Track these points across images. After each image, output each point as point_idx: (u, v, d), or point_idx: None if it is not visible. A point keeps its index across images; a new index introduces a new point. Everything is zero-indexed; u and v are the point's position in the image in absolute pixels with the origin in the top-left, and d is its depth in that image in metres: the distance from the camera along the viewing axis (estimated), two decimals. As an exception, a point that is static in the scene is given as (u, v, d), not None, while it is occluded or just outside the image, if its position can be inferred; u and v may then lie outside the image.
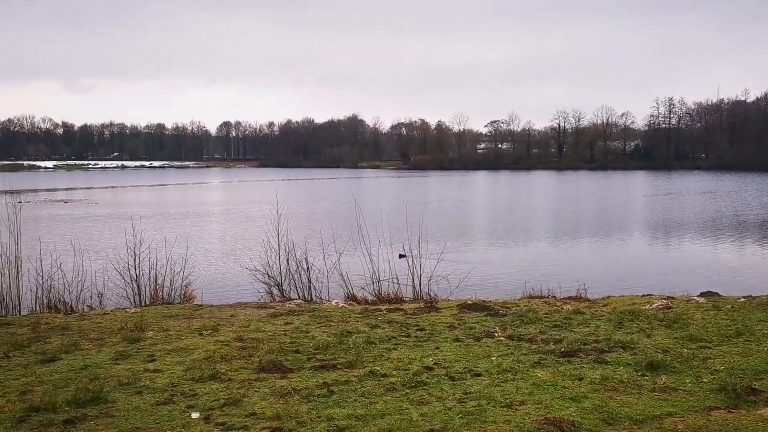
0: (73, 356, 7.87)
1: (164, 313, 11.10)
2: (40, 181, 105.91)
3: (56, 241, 25.76)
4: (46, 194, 69.88)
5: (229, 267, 23.07)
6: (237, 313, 10.89)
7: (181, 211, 47.15)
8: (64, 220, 40.65)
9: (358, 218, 15.77)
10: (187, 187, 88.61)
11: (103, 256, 20.86)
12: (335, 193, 70.31)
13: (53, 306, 12.75)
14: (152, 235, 22.50)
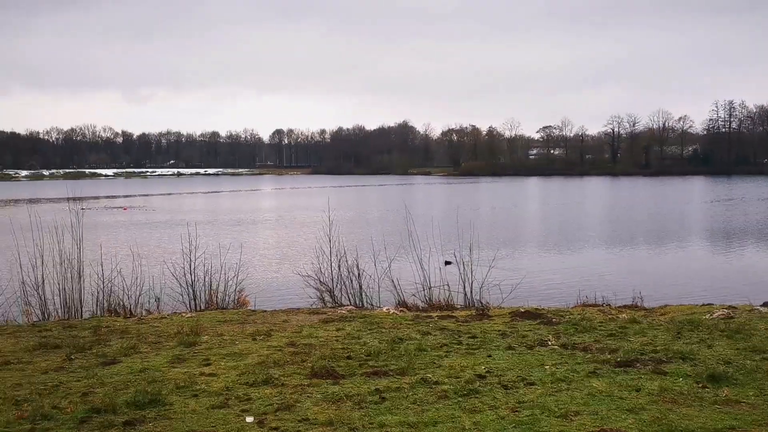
0: (132, 359, 8.08)
1: (219, 318, 11.29)
2: (100, 189, 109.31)
3: (116, 246, 26.52)
4: (107, 201, 72.08)
5: (282, 273, 23.34)
6: (289, 319, 11.00)
7: (235, 218, 47.99)
8: (123, 226, 41.84)
9: (409, 225, 15.77)
10: (240, 194, 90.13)
11: (160, 261, 21.37)
12: (386, 200, 70.48)
13: (113, 310, 13.12)
14: (207, 241, 23.00)
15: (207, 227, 38.00)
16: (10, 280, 13.65)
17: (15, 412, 6.04)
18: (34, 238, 14.29)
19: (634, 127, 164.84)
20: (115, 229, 39.80)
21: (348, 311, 11.88)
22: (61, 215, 15.98)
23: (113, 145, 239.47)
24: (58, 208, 47.16)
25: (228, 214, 52.55)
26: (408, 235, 15.13)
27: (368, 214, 50.81)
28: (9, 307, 12.86)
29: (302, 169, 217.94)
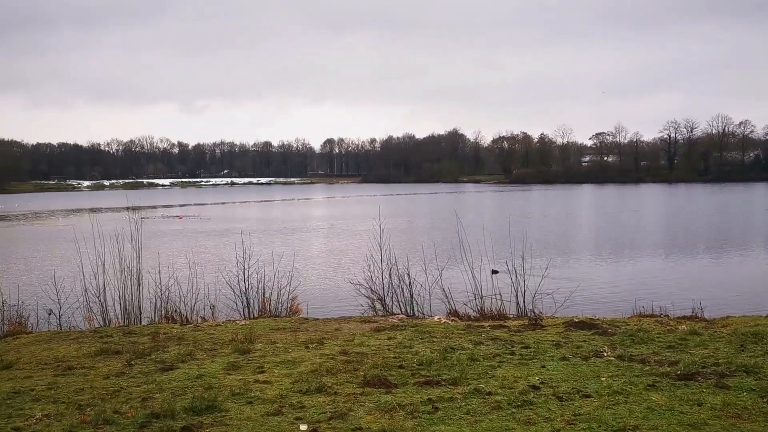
0: (189, 365, 8.23)
1: (272, 326, 11.41)
2: (158, 198, 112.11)
3: (173, 254, 27.16)
4: (163, 210, 73.87)
5: (333, 281, 23.49)
6: (341, 327, 11.03)
7: (287, 226, 48.56)
8: (179, 234, 42.81)
9: (460, 233, 15.66)
10: (292, 203, 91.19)
11: (215, 269, 21.81)
12: (436, 208, 70.29)
13: (170, 317, 13.40)
14: (260, 250, 23.31)
15: (260, 236, 38.55)
16: (73, 287, 14.10)
17: (78, 416, 6.22)
18: (96, 247, 14.75)
19: (692, 132, 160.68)
20: (171, 237, 40.74)
21: (399, 320, 11.85)
22: (121, 224, 16.43)
23: (170, 155, 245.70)
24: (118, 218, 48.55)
25: (280, 222, 53.21)
26: (459, 243, 15.04)
27: (418, 222, 50.74)
28: (72, 313, 13.31)
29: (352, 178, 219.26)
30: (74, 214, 71.60)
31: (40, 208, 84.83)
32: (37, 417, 6.24)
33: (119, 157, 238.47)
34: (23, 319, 12.87)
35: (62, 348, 9.72)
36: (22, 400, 6.85)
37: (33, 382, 7.60)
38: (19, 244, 38.76)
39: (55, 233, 46.05)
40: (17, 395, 7.06)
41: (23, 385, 7.44)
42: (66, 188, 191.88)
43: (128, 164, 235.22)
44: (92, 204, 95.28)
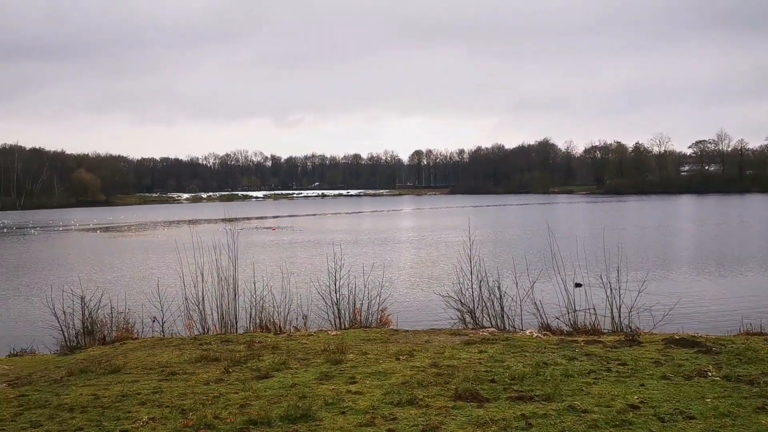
0: (284, 374, 8.43)
1: (362, 337, 11.51)
2: (251, 210, 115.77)
3: (267, 265, 27.94)
4: (257, 222, 76.13)
5: (423, 292, 23.48)
6: (431, 339, 11.00)
7: (377, 237, 48.98)
8: (272, 245, 44.01)
9: (552, 245, 15.33)
10: (381, 214, 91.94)
11: (307, 279, 22.25)
12: (526, 219, 69.08)
13: (264, 326, 13.77)
14: (351, 261, 23.65)
15: (350, 247, 39.07)
16: (175, 295, 14.75)
17: (182, 420, 6.49)
18: (195, 257, 15.39)
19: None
20: (265, 248, 41.93)
21: (490, 333, 11.70)
22: (218, 235, 17.10)
23: (263, 168, 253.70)
24: (214, 229, 50.51)
25: (370, 233, 53.76)
26: (551, 255, 14.72)
27: (508, 234, 50.02)
28: (174, 320, 13.92)
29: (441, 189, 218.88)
30: (175, 225, 74.95)
31: (144, 220, 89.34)
32: (144, 420, 6.56)
33: (216, 171, 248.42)
34: (130, 326, 13.60)
35: (165, 354, 10.18)
36: (129, 404, 7.22)
37: (139, 386, 8.00)
38: (126, 254, 40.93)
39: (158, 244, 48.33)
40: (125, 398, 7.44)
41: (130, 389, 7.84)
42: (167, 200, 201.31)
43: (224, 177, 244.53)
44: (191, 215, 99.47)
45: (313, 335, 11.87)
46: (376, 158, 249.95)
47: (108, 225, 79.11)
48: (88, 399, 7.46)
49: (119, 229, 70.23)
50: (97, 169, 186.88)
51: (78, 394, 7.74)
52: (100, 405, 7.19)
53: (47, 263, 36.15)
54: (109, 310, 13.80)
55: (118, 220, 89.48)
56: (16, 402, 7.57)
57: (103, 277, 28.69)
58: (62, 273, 30.64)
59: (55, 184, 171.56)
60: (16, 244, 52.01)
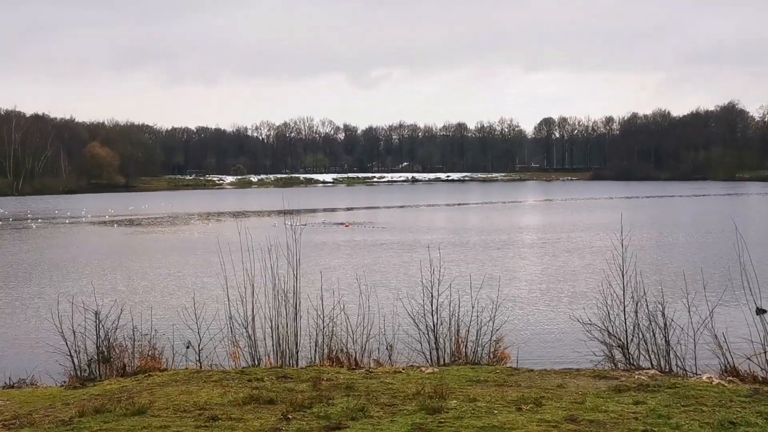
0: (362, 424, 8.54)
1: (469, 376, 11.52)
2: (317, 199, 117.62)
3: (338, 274, 28.31)
4: (324, 215, 77.27)
5: (554, 318, 23.20)
6: (566, 383, 10.92)
7: (489, 240, 48.77)
8: (345, 247, 44.56)
9: (741, 254, 14.82)
10: (494, 208, 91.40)
11: (393, 295, 22.42)
12: (703, 217, 67.10)
13: (335, 357, 13.98)
14: (453, 271, 23.65)
15: (452, 252, 39.05)
16: (216, 314, 15.19)
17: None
18: (243, 262, 15.77)
19: None
20: (336, 251, 42.50)
21: (650, 377, 11.52)
22: (273, 233, 17.42)
23: (333, 143, 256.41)
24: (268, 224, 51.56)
25: (479, 234, 53.59)
26: (739, 269, 14.24)
27: (677, 238, 48.76)
28: (215, 347, 14.33)
29: (578, 173, 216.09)
30: (215, 218, 77.08)
31: (175, 211, 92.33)
32: (176, 479, 6.79)
33: (270, 145, 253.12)
34: (157, 353, 14.09)
35: (203, 392, 10.49)
36: (158, 456, 7.48)
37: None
38: (152, 256, 42.43)
39: (194, 243, 49.84)
40: (152, 449, 7.72)
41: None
42: (205, 185, 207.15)
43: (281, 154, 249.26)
44: (237, 206, 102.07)
45: (402, 373, 11.96)
46: (487, 129, 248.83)
47: (128, 217, 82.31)
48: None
49: (143, 223, 72.89)
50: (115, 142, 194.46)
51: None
52: (120, 457, 7.48)
53: (51, 267, 37.93)
54: (131, 330, 14.34)
55: (141, 211, 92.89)
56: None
57: (123, 286, 29.84)
58: (71, 281, 32.06)
59: (63, 162, 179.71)
60: (11, 242, 54.85)
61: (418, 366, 13.21)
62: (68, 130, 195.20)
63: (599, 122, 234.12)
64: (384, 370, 12.57)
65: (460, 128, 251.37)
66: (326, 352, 14.24)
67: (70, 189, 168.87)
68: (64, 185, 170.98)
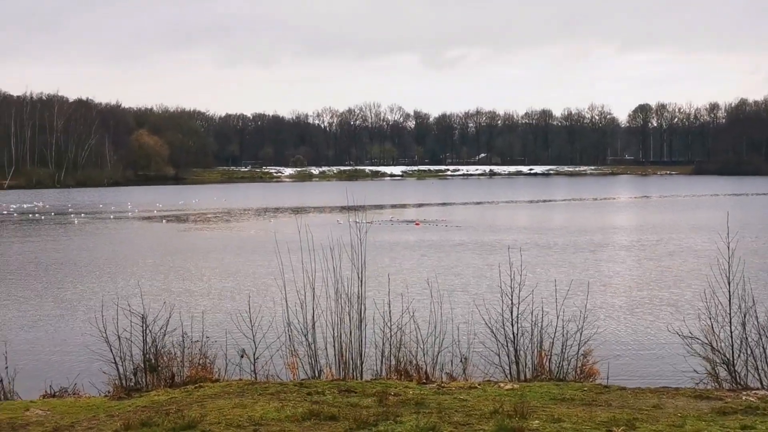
0: (433, 445, 8.55)
1: (553, 394, 11.45)
2: (385, 194, 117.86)
3: (407, 277, 28.36)
4: (392, 212, 77.47)
5: (649, 329, 22.90)
6: (663, 403, 10.82)
7: (577, 241, 48.33)
8: (415, 248, 44.58)
9: None
10: (582, 205, 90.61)
11: (468, 302, 22.38)
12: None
13: (403, 370, 14.00)
14: (536, 276, 23.52)
15: (535, 254, 38.82)
16: (272, 320, 15.33)
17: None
18: (303, 263, 15.90)
19: None
20: (405, 252, 42.56)
21: (759, 398, 11.38)
22: (336, 231, 17.53)
23: (402, 131, 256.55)
24: (330, 221, 51.99)
25: (565, 234, 53.13)
26: None
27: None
28: (271, 356, 14.47)
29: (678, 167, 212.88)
30: (272, 214, 77.84)
31: (228, 206, 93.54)
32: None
33: (333, 134, 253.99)
34: (208, 362, 14.27)
35: (259, 406, 10.61)
36: (209, 476, 7.60)
37: (223, 451, 8.41)
38: (203, 255, 43.03)
39: (249, 242, 50.42)
40: (203, 467, 7.85)
41: (211, 454, 8.26)
42: (262, 177, 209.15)
43: (345, 144, 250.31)
44: (296, 201, 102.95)
45: (478, 388, 11.94)
46: (575, 117, 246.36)
47: (178, 212, 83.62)
48: (152, 465, 7.93)
49: (194, 219, 73.98)
50: (165, 130, 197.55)
51: (138, 457, 8.25)
52: (169, 475, 7.62)
53: (96, 266, 38.72)
54: (180, 337, 14.54)
55: (192, 206, 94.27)
56: (55, 463, 8.18)
57: (172, 288, 30.32)
58: (116, 281, 32.69)
59: (107, 152, 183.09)
60: (55, 238, 56.14)
61: (496, 381, 13.17)
62: (114, 116, 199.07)
63: (703, 109, 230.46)
64: (457, 385, 12.55)
65: (545, 116, 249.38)
66: (393, 364, 14.27)
67: (116, 181, 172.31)
68: (108, 177, 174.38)
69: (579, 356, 14.11)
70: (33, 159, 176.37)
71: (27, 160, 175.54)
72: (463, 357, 14.36)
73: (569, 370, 13.93)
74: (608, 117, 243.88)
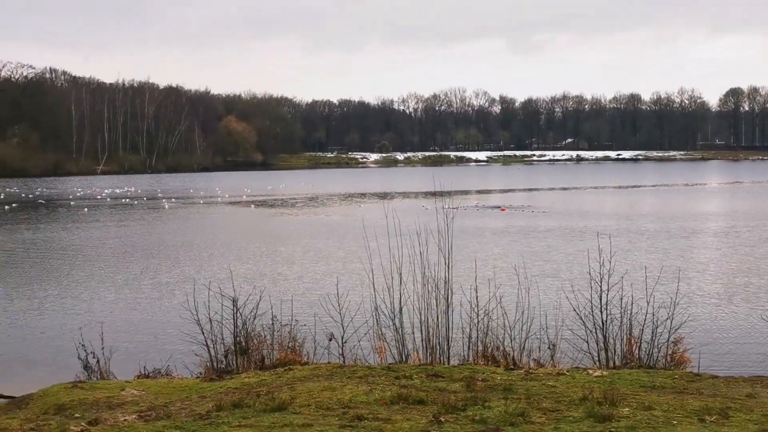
0: (522, 431, 8.51)
1: (642, 382, 11.34)
2: (470, 179, 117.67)
3: (493, 263, 28.24)
4: (478, 198, 77.26)
5: (742, 317, 22.42)
6: (757, 393, 10.64)
7: (666, 227, 47.53)
8: (502, 233, 44.42)
9: None
10: (672, 191, 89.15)
11: (555, 288, 22.24)
12: None
13: (490, 356, 14.00)
14: (625, 262, 23.21)
15: (623, 240, 38.31)
16: (360, 304, 15.43)
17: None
18: (390, 248, 15.96)
19: None
20: (490, 237, 42.43)
21: None
22: (423, 216, 17.55)
23: (487, 117, 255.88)
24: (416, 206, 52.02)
25: (655, 220, 52.32)
26: None
27: None
28: (359, 340, 14.58)
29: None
30: (358, 199, 78.30)
31: (315, 191, 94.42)
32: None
33: (418, 120, 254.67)
34: (297, 345, 14.47)
35: (348, 389, 10.71)
36: (301, 456, 7.70)
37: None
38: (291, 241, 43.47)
39: (336, 226, 50.83)
40: (295, 448, 7.95)
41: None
42: (348, 163, 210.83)
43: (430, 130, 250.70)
44: (382, 186, 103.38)
45: (566, 375, 11.88)
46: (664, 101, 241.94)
47: (266, 197, 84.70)
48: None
49: (281, 204, 74.86)
50: (253, 117, 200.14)
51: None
52: (261, 455, 7.74)
53: (188, 250, 39.45)
54: (270, 320, 14.74)
55: (280, 191, 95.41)
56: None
57: (261, 272, 30.71)
58: (207, 265, 33.26)
59: (197, 138, 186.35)
60: (150, 222, 57.43)
61: (585, 368, 13.07)
62: (203, 103, 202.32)
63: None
64: (545, 371, 12.50)
65: (633, 100, 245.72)
66: (480, 350, 14.27)
67: (205, 167, 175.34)
68: (198, 162, 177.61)
69: (669, 344, 13.93)
70: (125, 145, 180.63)
71: (119, 146, 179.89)
72: (551, 343, 14.27)
73: (659, 358, 13.76)
74: (698, 101, 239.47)
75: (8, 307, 24.62)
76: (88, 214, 64.69)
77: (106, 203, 79.96)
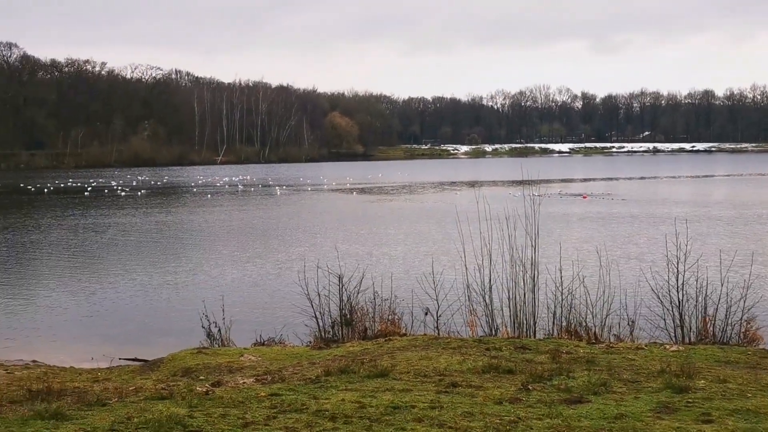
0: (604, 399, 8.45)
1: (717, 357, 11.11)
2: (554, 169, 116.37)
3: (577, 246, 27.95)
4: (560, 186, 76.32)
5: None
6: (827, 370, 10.25)
7: (739, 214, 46.25)
8: (583, 219, 43.84)
9: None
10: (743, 180, 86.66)
11: (635, 270, 21.86)
12: None
13: (573, 331, 13.88)
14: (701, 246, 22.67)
15: (699, 225, 37.51)
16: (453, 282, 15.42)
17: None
18: (481, 232, 15.93)
19: None
20: (574, 222, 41.96)
21: None
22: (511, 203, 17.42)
23: (570, 112, 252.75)
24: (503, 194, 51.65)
25: (727, 207, 50.96)
26: None
27: None
28: (452, 314, 14.62)
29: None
30: (450, 187, 78.13)
31: (411, 180, 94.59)
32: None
33: (505, 115, 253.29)
34: (396, 318, 14.59)
35: (443, 358, 10.75)
36: (402, 419, 7.78)
37: (413, 398, 8.57)
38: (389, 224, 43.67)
39: (431, 211, 50.88)
40: (396, 411, 8.04)
41: (402, 400, 8.44)
42: (440, 154, 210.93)
43: (516, 124, 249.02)
44: (472, 175, 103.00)
45: (644, 349, 11.74)
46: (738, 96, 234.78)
47: (367, 185, 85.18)
48: (352, 407, 8.18)
49: (380, 191, 75.18)
50: (355, 112, 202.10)
51: (339, 399, 8.52)
52: (367, 416, 7.86)
53: (300, 232, 40.04)
54: (372, 295, 14.90)
55: (378, 180, 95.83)
56: (268, 402, 8.55)
57: (364, 252, 30.92)
58: (317, 245, 33.66)
59: (305, 132, 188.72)
60: (264, 207, 58.46)
61: (662, 343, 12.85)
62: (310, 100, 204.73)
63: None
64: (625, 345, 12.33)
65: (707, 95, 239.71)
66: (564, 325, 14.17)
67: (312, 157, 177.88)
68: (306, 154, 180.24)
69: (743, 322, 13.60)
70: (241, 138, 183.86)
71: (236, 139, 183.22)
72: (630, 320, 14.08)
73: (733, 335, 13.44)
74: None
75: (145, 282, 25.35)
76: (212, 200, 66.10)
77: (225, 190, 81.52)
